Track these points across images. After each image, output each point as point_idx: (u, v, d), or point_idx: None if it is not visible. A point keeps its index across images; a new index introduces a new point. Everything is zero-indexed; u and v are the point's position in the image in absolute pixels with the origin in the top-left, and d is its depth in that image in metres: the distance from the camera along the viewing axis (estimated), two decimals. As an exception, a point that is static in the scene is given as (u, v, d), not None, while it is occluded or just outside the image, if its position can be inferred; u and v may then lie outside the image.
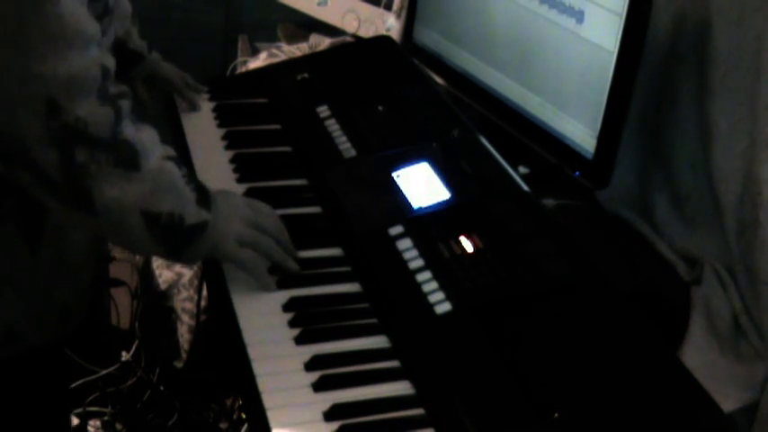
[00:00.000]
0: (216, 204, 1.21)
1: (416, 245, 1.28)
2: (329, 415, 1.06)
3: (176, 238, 1.17)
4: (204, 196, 1.20)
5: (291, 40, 2.36)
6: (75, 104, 1.04)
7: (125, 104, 1.11)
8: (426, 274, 1.23)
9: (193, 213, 1.17)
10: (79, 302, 1.35)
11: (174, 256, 1.20)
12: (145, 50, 1.58)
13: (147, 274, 2.19)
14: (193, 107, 1.66)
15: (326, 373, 1.12)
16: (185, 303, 2.11)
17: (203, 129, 1.61)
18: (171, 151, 1.18)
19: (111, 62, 1.11)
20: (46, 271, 1.25)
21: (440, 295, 1.20)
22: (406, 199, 1.37)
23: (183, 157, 1.53)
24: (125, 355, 2.11)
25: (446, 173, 1.42)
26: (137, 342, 2.11)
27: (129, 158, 1.10)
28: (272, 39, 2.43)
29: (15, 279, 1.23)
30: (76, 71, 1.04)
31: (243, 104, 1.69)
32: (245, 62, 2.33)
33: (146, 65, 1.59)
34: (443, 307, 1.18)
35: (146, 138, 1.14)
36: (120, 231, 1.14)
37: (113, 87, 1.10)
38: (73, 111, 1.04)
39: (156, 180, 1.13)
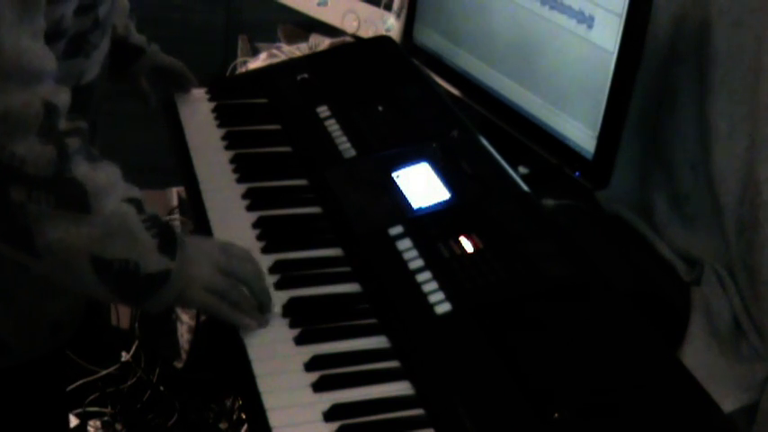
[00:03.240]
0: (183, 250, 1.12)
1: (416, 245, 1.28)
2: (329, 415, 1.06)
3: (132, 287, 1.09)
4: (168, 242, 1.11)
5: (291, 40, 2.36)
6: (10, 141, 0.98)
7: (74, 142, 1.04)
8: (426, 275, 1.23)
9: (153, 261, 1.09)
10: (71, 318, 1.33)
11: (133, 305, 1.13)
12: (145, 44, 1.57)
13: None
14: (192, 85, 1.65)
15: (326, 374, 1.12)
16: (185, 304, 2.11)
17: (203, 129, 1.61)
18: (135, 192, 1.10)
19: (61, 99, 1.04)
20: (36, 286, 1.21)
21: (440, 295, 1.20)
22: (405, 199, 1.37)
23: (183, 158, 1.53)
24: (125, 356, 2.11)
25: (446, 173, 1.42)
26: (137, 342, 2.11)
27: (75, 199, 1.03)
28: (272, 39, 2.43)
29: (4, 293, 1.21)
30: (13, 107, 0.98)
31: (243, 104, 1.69)
32: (245, 62, 2.33)
33: (146, 58, 1.57)
34: (443, 307, 1.18)
35: (101, 178, 1.06)
36: (69, 276, 1.07)
37: (65, 124, 1.04)
38: (8, 147, 0.98)
39: (108, 224, 1.05)
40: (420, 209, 1.35)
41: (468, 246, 1.26)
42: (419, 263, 1.25)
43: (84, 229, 1.04)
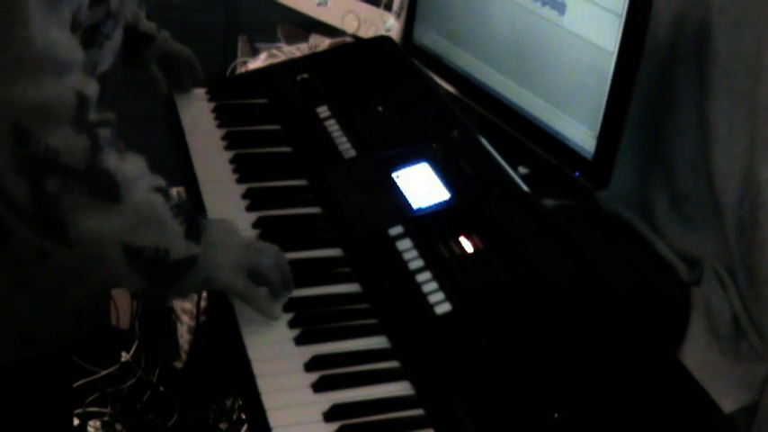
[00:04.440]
0: (207, 236, 1.15)
1: (416, 245, 1.28)
2: (329, 415, 1.06)
3: (161, 273, 1.11)
4: (194, 229, 1.14)
5: (291, 40, 2.36)
6: (45, 132, 1.00)
7: (105, 133, 1.06)
8: (426, 275, 1.23)
9: (181, 248, 1.11)
10: (93, 304, 1.34)
11: (160, 290, 1.15)
12: (155, 31, 1.57)
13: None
14: (198, 76, 1.66)
15: (326, 374, 1.12)
16: (185, 304, 2.11)
17: (203, 129, 1.61)
18: (160, 182, 1.13)
19: (91, 89, 1.06)
20: (57, 275, 1.23)
21: (440, 296, 1.19)
22: (405, 199, 1.37)
23: (183, 158, 1.53)
24: (125, 356, 2.11)
25: (446, 173, 1.42)
26: (137, 342, 2.11)
27: (108, 189, 1.05)
28: (272, 39, 2.43)
29: (28, 283, 1.22)
30: (48, 98, 1.00)
31: (243, 105, 1.69)
32: (245, 62, 2.34)
33: (157, 44, 1.58)
34: (443, 307, 1.18)
35: (130, 168, 1.08)
36: (100, 265, 1.09)
37: (94, 115, 1.06)
38: (43, 139, 1.00)
39: (139, 213, 1.08)
40: (420, 209, 1.35)
41: (468, 246, 1.26)
42: (419, 263, 1.25)
43: (115, 218, 1.06)
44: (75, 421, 2.02)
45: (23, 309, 1.23)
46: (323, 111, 1.62)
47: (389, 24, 2.14)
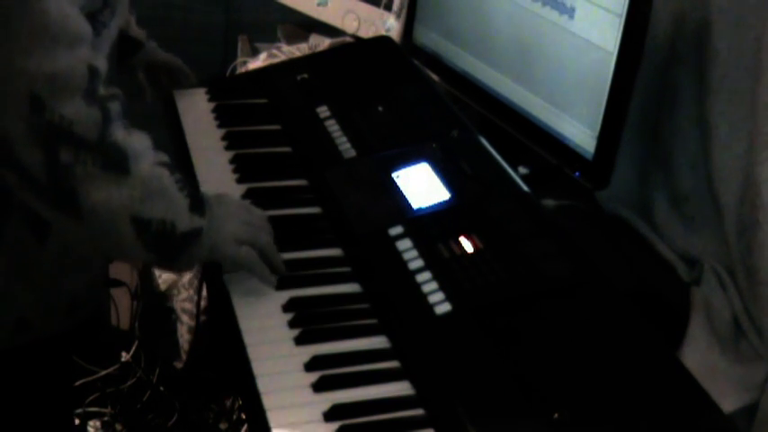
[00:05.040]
0: (210, 209, 1.20)
1: (416, 245, 1.28)
2: (329, 415, 1.06)
3: (168, 245, 1.15)
4: (197, 202, 1.18)
5: (291, 40, 2.36)
6: (59, 102, 1.03)
7: (115, 107, 1.10)
8: (426, 275, 1.23)
9: (186, 220, 1.15)
10: (89, 293, 1.35)
11: (167, 263, 1.18)
12: (144, 38, 1.59)
13: (146, 274, 2.19)
14: (191, 82, 1.68)
15: (326, 374, 1.12)
16: (185, 304, 2.11)
17: (203, 129, 1.61)
18: (164, 157, 1.16)
19: (102, 64, 1.09)
20: (54, 262, 1.25)
21: (440, 296, 1.20)
22: (405, 199, 1.37)
23: (183, 158, 1.53)
24: (125, 356, 2.11)
25: (446, 173, 1.42)
26: (137, 342, 2.11)
27: (117, 162, 1.08)
28: (272, 39, 2.43)
29: (24, 270, 1.24)
30: (61, 68, 1.03)
31: (243, 105, 1.69)
32: (245, 62, 2.33)
33: (145, 52, 1.59)
34: (443, 307, 1.18)
35: (137, 142, 1.12)
36: (109, 238, 1.12)
37: (104, 89, 1.09)
38: (57, 109, 1.03)
39: (147, 186, 1.11)
40: (420, 209, 1.35)
41: (468, 246, 1.26)
42: (419, 263, 1.25)
43: (125, 190, 1.09)
44: (75, 421, 2.02)
45: (20, 295, 1.25)
46: (323, 111, 1.62)
47: (389, 24, 2.14)
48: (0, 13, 1.00)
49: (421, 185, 1.40)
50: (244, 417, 1.93)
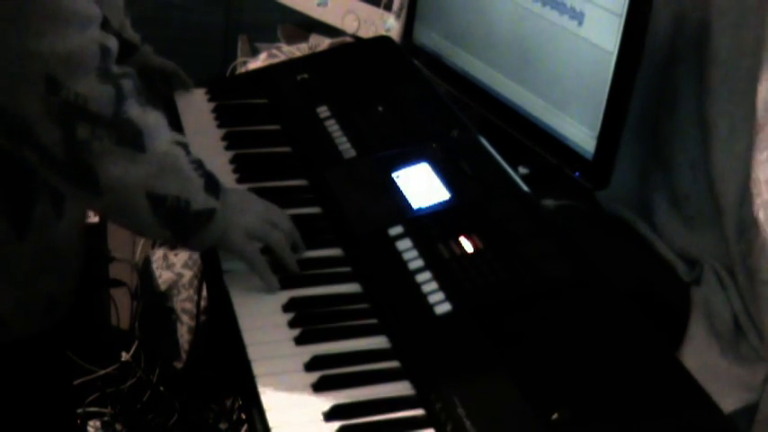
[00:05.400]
0: (226, 195, 1.22)
1: (416, 245, 1.28)
2: (329, 415, 1.06)
3: (182, 222, 1.18)
4: (213, 184, 1.21)
5: (291, 40, 2.36)
6: (74, 81, 1.06)
7: (128, 84, 1.13)
8: (426, 275, 1.23)
9: (201, 199, 1.18)
10: (66, 293, 1.35)
11: (180, 241, 1.21)
12: (138, 41, 1.60)
13: (146, 274, 2.19)
14: (187, 86, 1.68)
15: (326, 374, 1.12)
16: (185, 304, 2.11)
17: (203, 129, 1.61)
18: (181, 138, 1.20)
19: (112, 43, 1.13)
20: (33, 259, 1.26)
21: (440, 296, 1.20)
22: (405, 199, 1.37)
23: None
24: (125, 356, 2.12)
25: (446, 173, 1.42)
26: (137, 342, 2.11)
27: (133, 138, 1.11)
28: (272, 39, 2.43)
29: (2, 266, 1.24)
30: (74, 48, 1.06)
31: (243, 105, 1.69)
32: (245, 62, 2.33)
33: (139, 56, 1.60)
34: (443, 307, 1.18)
35: (152, 120, 1.15)
36: (126, 213, 1.16)
37: (116, 68, 1.12)
38: (72, 87, 1.06)
39: (162, 162, 1.14)
40: (420, 209, 1.35)
41: (468, 246, 1.26)
42: (419, 263, 1.25)
43: (141, 166, 1.12)
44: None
45: None
46: (323, 111, 1.62)
47: (389, 24, 2.14)
48: None
49: (421, 185, 1.40)
50: (244, 417, 1.93)
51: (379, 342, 1.18)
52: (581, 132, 1.51)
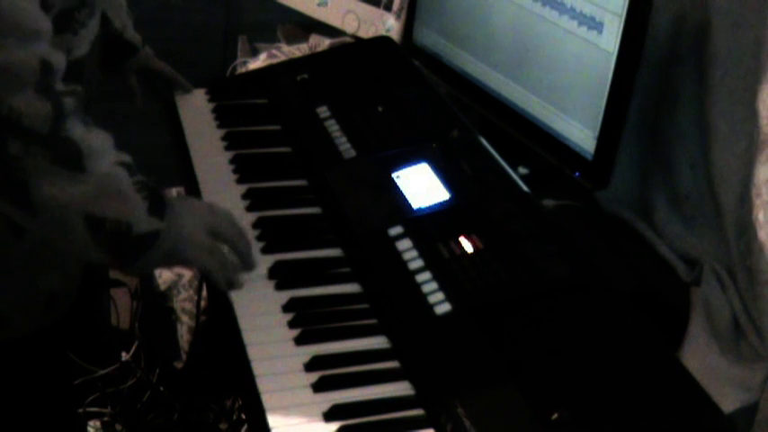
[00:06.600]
0: (171, 212, 1.17)
1: (416, 245, 1.28)
2: (329, 415, 1.06)
3: (123, 246, 1.13)
4: (158, 204, 1.15)
5: (291, 40, 2.36)
6: (8, 94, 1.03)
7: (70, 103, 1.08)
8: (426, 275, 1.23)
9: (143, 222, 1.13)
10: (66, 290, 1.35)
11: (123, 265, 1.17)
12: (139, 43, 1.59)
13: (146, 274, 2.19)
14: (187, 90, 1.67)
15: (326, 374, 1.12)
16: (185, 304, 2.12)
17: (203, 129, 1.61)
18: (125, 158, 1.15)
19: (57, 59, 1.09)
20: (31, 257, 1.25)
21: (439, 296, 1.20)
22: (405, 199, 1.37)
23: (183, 158, 1.53)
24: (125, 356, 2.11)
25: (446, 173, 1.42)
26: (137, 342, 2.11)
27: (71, 158, 1.07)
28: (272, 39, 2.43)
29: (1, 265, 1.24)
30: (11, 61, 1.03)
31: (243, 105, 1.69)
32: (244, 63, 2.33)
33: (139, 57, 1.60)
34: (443, 307, 1.18)
35: (96, 140, 1.10)
36: (62, 234, 1.11)
37: (61, 85, 1.08)
38: (6, 100, 1.03)
39: (102, 184, 1.09)
40: (420, 209, 1.35)
41: (468, 246, 1.26)
42: (419, 263, 1.25)
43: (78, 187, 1.08)
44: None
45: None
46: (323, 111, 1.62)
47: (389, 24, 2.14)
48: None
49: (421, 185, 1.40)
50: (244, 417, 1.93)
51: (378, 342, 1.18)
52: (581, 132, 1.51)
